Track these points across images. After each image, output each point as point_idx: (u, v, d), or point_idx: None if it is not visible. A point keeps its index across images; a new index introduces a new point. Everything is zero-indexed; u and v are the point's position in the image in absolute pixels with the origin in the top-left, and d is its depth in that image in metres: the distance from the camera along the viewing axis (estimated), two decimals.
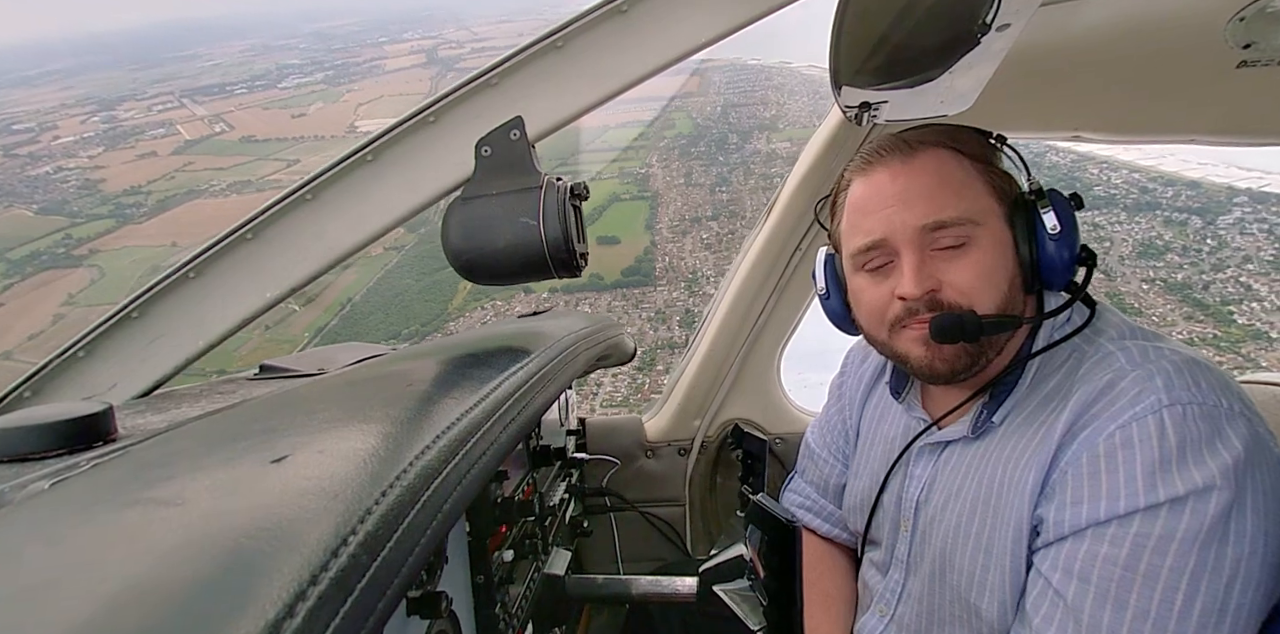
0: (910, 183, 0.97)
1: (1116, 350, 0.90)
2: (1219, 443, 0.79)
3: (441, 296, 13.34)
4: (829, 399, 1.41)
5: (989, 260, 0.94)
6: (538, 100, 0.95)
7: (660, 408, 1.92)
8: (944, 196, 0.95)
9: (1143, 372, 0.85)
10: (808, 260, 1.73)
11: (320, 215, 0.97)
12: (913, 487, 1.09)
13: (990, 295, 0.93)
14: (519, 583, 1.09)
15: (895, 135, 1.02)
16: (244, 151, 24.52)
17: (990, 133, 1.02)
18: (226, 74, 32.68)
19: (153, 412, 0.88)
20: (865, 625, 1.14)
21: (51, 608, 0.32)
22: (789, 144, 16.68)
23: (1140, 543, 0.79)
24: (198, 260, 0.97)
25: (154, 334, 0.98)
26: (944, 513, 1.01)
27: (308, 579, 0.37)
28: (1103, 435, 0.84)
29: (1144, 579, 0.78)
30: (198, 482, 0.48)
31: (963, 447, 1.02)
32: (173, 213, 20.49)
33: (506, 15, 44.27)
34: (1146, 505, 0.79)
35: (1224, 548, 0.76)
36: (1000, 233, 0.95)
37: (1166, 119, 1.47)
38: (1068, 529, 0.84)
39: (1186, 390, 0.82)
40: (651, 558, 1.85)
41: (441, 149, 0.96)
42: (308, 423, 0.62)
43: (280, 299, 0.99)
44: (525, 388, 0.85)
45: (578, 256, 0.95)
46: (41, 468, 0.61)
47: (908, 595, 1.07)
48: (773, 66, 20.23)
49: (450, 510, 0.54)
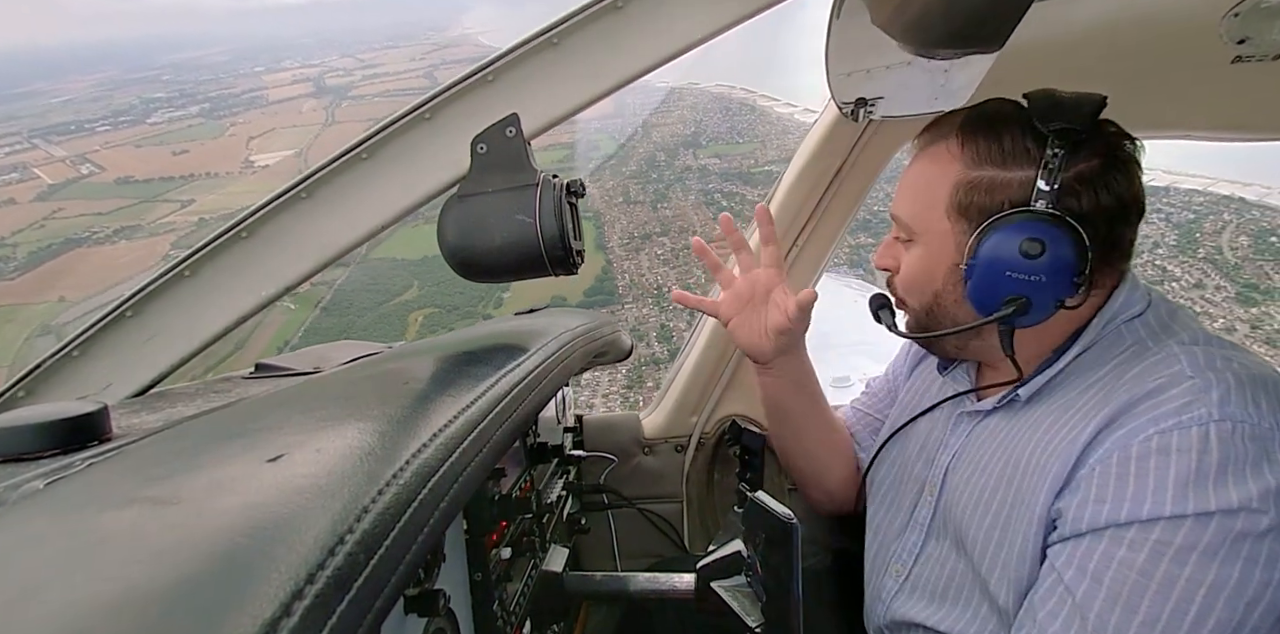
0: (909, 170, 1.04)
1: (1181, 353, 0.87)
2: (1265, 466, 0.76)
3: (392, 332, 12.95)
4: (886, 369, 1.47)
5: (916, 267, 1.02)
6: (534, 97, 0.94)
7: (657, 405, 1.92)
8: (907, 196, 1.03)
9: (1201, 381, 0.82)
10: (805, 257, 1.73)
11: (316, 213, 0.97)
12: (944, 453, 1.10)
13: (916, 298, 1.03)
14: (517, 580, 1.09)
15: (946, 115, 1.03)
16: (122, 194, 22.56)
17: (1041, 131, 0.91)
18: (81, 110, 30.44)
19: (148, 411, 0.88)
20: (883, 586, 1.15)
21: (46, 608, 0.32)
22: (717, 160, 16.93)
23: (1159, 551, 0.76)
24: (192, 259, 0.97)
25: (149, 333, 0.98)
26: (968, 484, 1.02)
27: (305, 578, 0.37)
28: (1139, 437, 0.81)
29: (1159, 586, 0.76)
30: (194, 480, 0.48)
31: (997, 421, 1.03)
32: (50, 266, 18.59)
33: (390, 40, 42.75)
34: (1172, 514, 0.76)
35: (1251, 568, 0.74)
36: (937, 248, 0.99)
37: (1162, 115, 1.47)
38: (1086, 527, 0.82)
39: (1243, 408, 0.79)
40: (649, 554, 1.85)
41: (437, 146, 0.95)
42: (304, 421, 0.62)
43: (275, 297, 0.99)
44: (522, 385, 0.85)
45: (574, 254, 0.94)
46: (36, 468, 0.61)
47: (926, 558, 1.08)
48: (682, 87, 20.74)
49: (447, 508, 0.54)
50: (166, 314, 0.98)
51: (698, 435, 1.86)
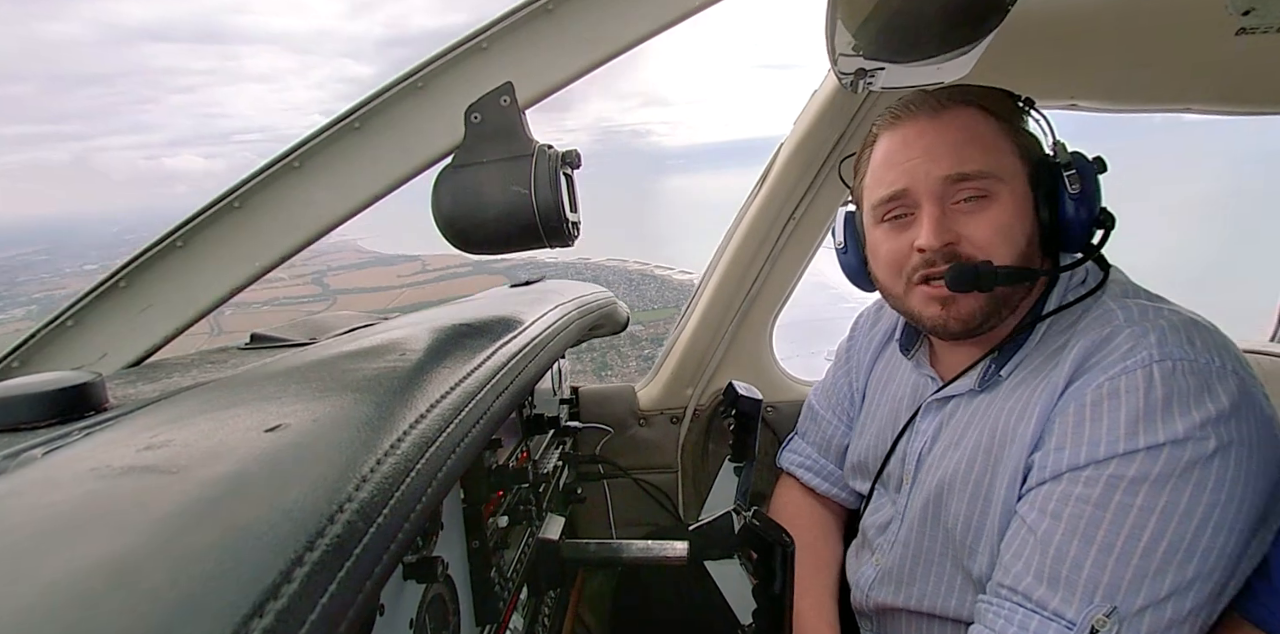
0: (938, 137, 0.98)
1: (1117, 308, 0.92)
2: (1206, 397, 0.80)
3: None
4: (835, 362, 1.44)
5: (1008, 216, 0.95)
6: (528, 65, 0.92)
7: (653, 377, 1.94)
8: (969, 151, 0.96)
9: (1138, 328, 0.87)
10: (802, 229, 1.73)
11: (307, 184, 0.95)
12: (917, 441, 1.12)
13: (1007, 250, 0.95)
14: (514, 548, 1.11)
15: (926, 92, 1.03)
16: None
17: (1019, 96, 1.02)
18: None
19: (144, 381, 0.88)
20: (861, 575, 1.18)
21: (47, 574, 0.33)
22: (642, 327, 17.47)
23: (1113, 484, 0.81)
24: (184, 229, 0.96)
25: (143, 303, 0.97)
26: (943, 460, 1.04)
27: (304, 545, 0.37)
28: (1091, 386, 0.86)
29: (1113, 516, 0.80)
30: (192, 449, 0.48)
31: (968, 400, 1.05)
32: None
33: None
34: (1125, 451, 0.81)
35: (1199, 492, 0.78)
36: (1021, 191, 0.97)
37: (1163, 87, 1.45)
38: (1049, 474, 0.87)
39: (1179, 347, 0.84)
40: (644, 523, 1.88)
41: (430, 115, 0.94)
42: (302, 391, 0.62)
43: (269, 268, 0.98)
44: (519, 357, 0.85)
45: (569, 225, 0.94)
46: (33, 437, 0.61)
47: (903, 545, 1.11)
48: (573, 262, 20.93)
49: (445, 478, 0.55)
50: (160, 285, 0.97)
51: (693, 407, 1.87)
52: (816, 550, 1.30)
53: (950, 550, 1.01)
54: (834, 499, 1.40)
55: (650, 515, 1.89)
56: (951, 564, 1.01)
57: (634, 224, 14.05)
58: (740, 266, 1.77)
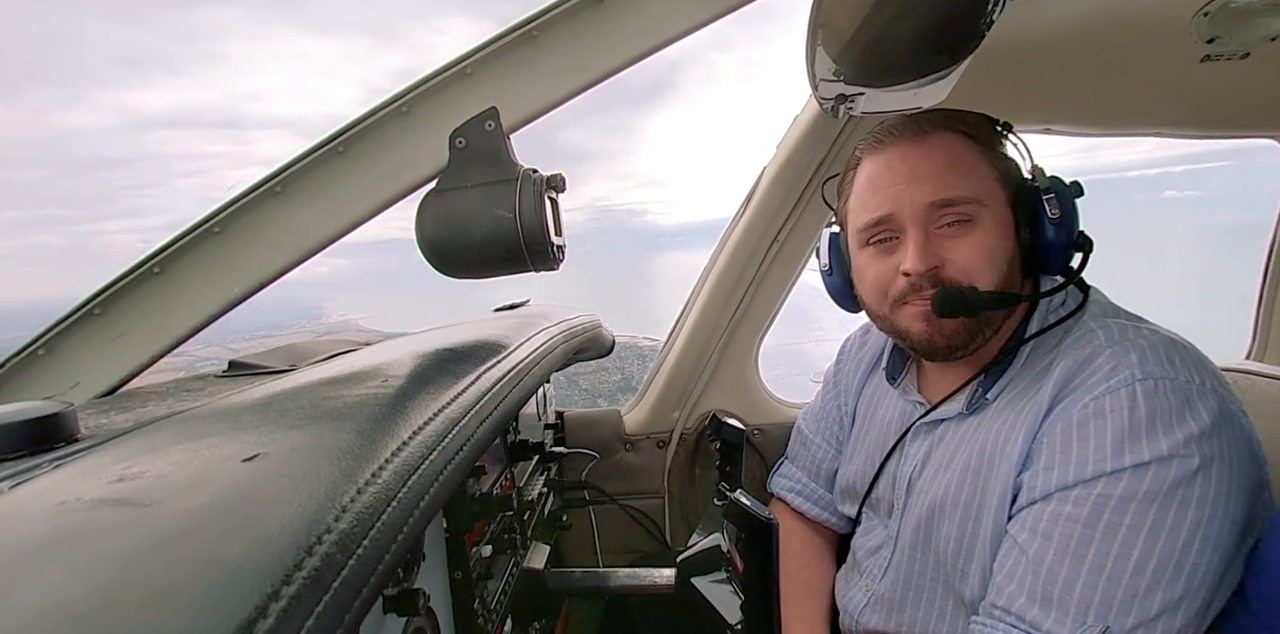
0: (920, 162, 0.99)
1: (1097, 328, 0.94)
2: (1188, 414, 0.82)
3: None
4: (823, 386, 1.44)
5: (990, 240, 0.97)
6: (512, 91, 0.93)
7: (639, 401, 1.92)
8: (952, 176, 0.97)
9: (1119, 348, 0.88)
10: (786, 252, 1.74)
11: (289, 208, 0.95)
12: (906, 464, 1.12)
13: (990, 274, 0.96)
14: (498, 578, 1.09)
15: (908, 117, 1.05)
16: None
17: (998, 120, 1.05)
18: None
19: (117, 411, 0.86)
20: (851, 601, 1.17)
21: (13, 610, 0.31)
22: None
23: (1101, 503, 0.81)
24: (161, 255, 0.94)
25: (117, 331, 0.95)
26: (933, 483, 1.04)
27: (281, 578, 0.36)
28: (1077, 406, 0.87)
29: (1102, 535, 0.80)
30: (165, 481, 0.46)
31: (957, 423, 1.06)
32: None
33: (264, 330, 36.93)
34: (1112, 470, 0.82)
35: (1185, 510, 0.79)
36: (1003, 215, 0.98)
37: (1134, 112, 1.49)
38: (1038, 494, 0.87)
39: (1160, 366, 0.85)
40: (631, 550, 1.85)
41: (415, 140, 0.94)
42: (279, 420, 0.61)
43: (247, 295, 0.97)
44: (503, 382, 0.84)
45: (554, 248, 0.94)
46: (1, 471, 0.59)
47: (894, 570, 1.10)
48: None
49: (427, 507, 0.54)
50: (135, 312, 0.95)
51: (679, 431, 1.86)
52: (808, 575, 1.29)
53: (942, 575, 1.01)
54: (825, 524, 1.39)
55: (637, 542, 1.86)
56: (943, 590, 1.01)
57: (623, 298, 14.01)
58: (725, 289, 1.78)
